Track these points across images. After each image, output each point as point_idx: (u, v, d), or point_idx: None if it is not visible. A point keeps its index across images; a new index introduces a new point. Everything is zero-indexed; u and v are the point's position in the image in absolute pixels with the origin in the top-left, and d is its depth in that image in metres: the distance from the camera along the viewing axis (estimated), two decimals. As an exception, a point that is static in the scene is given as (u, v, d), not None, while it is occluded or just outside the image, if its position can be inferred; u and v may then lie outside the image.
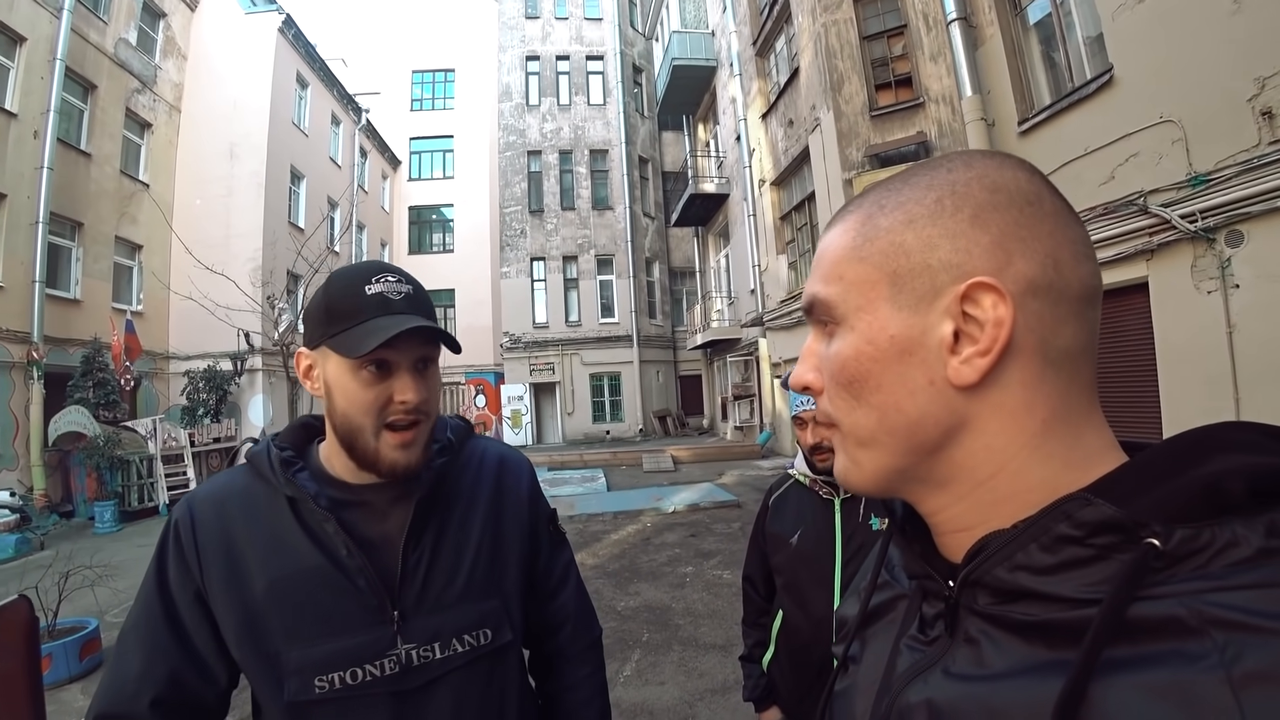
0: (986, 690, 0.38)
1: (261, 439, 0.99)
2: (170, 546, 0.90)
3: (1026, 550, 0.38)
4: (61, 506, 11.05)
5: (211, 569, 0.87)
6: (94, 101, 13.27)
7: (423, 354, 0.89)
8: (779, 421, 14.30)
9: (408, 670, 0.89)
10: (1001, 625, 0.39)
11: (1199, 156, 4.95)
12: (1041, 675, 0.35)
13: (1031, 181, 0.43)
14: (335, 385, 0.88)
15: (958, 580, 0.42)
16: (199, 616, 0.88)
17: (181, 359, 14.89)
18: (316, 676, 0.86)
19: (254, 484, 0.93)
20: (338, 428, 0.89)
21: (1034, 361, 0.40)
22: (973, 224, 0.42)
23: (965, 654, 0.41)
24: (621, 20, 21.10)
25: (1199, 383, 5.01)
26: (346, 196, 20.63)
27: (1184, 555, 0.33)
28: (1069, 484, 0.39)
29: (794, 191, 12.79)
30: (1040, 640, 0.37)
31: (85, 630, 4.45)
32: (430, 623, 0.91)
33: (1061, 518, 0.37)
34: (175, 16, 15.87)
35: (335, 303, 0.87)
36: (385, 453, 0.87)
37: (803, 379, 0.49)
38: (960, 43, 7.42)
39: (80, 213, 12.73)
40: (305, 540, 0.88)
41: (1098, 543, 0.35)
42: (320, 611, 0.87)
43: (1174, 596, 0.32)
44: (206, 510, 0.91)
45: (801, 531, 1.70)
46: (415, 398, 0.87)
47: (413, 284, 0.91)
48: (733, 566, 6.05)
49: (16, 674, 1.27)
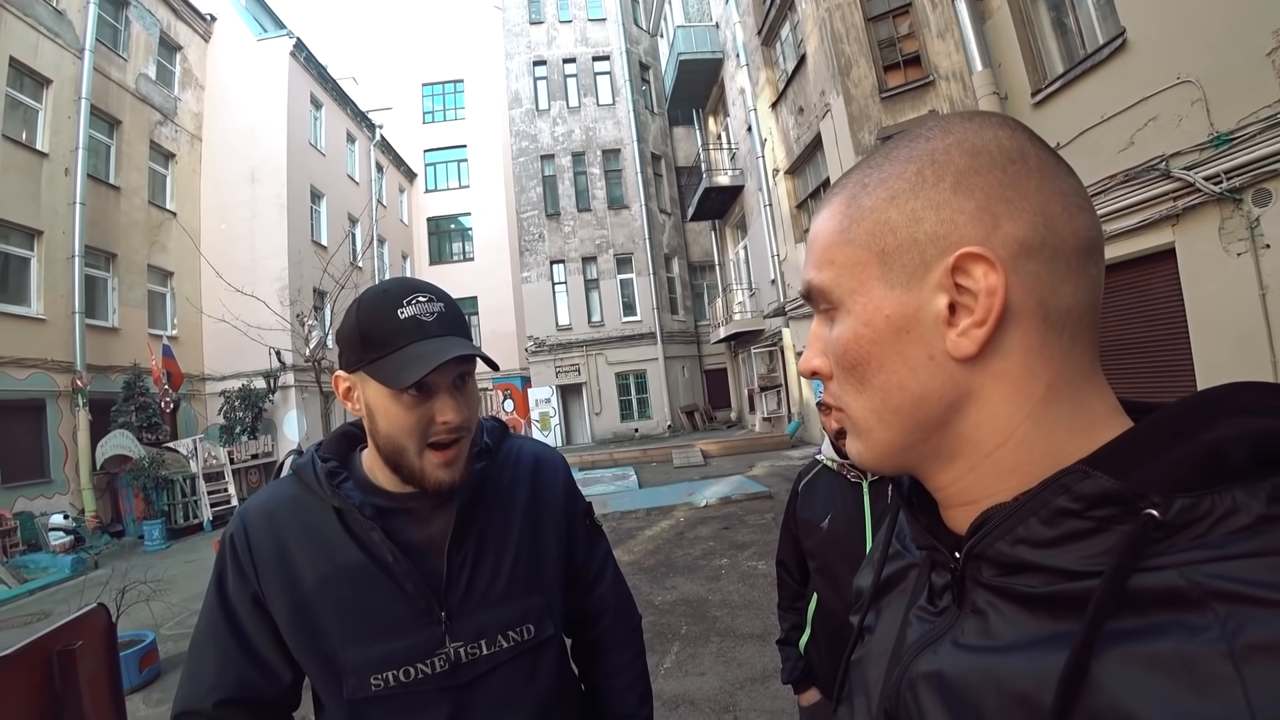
0: (994, 661, 0.38)
1: (305, 451, 1.04)
2: (228, 558, 0.95)
3: (1027, 524, 0.38)
4: (112, 527, 11.48)
5: (267, 576, 0.92)
6: (119, 136, 13.71)
7: (460, 371, 0.91)
8: (807, 411, 14.24)
9: (457, 667, 0.93)
10: (1007, 597, 0.39)
11: (1220, 116, 4.85)
12: (1047, 647, 0.35)
13: (1014, 138, 0.42)
14: (377, 409, 0.90)
15: (962, 553, 0.42)
16: (259, 621, 0.93)
17: (217, 379, 15.31)
18: (372, 675, 0.90)
19: (301, 495, 0.97)
20: (381, 447, 0.92)
21: (1034, 325, 0.40)
22: (955, 192, 0.41)
23: (973, 625, 0.41)
24: (625, 19, 21.11)
25: (1233, 347, 4.91)
26: (366, 212, 20.96)
27: (1183, 525, 0.33)
28: (1073, 453, 0.39)
29: (809, 179, 12.72)
30: (1045, 612, 0.37)
31: (144, 643, 4.64)
32: (476, 621, 0.95)
33: (1060, 491, 0.37)
34: (191, 48, 16.29)
35: (369, 329, 0.88)
36: (430, 471, 0.90)
37: (810, 365, 0.49)
38: (967, 17, 7.33)
39: (113, 244, 13.18)
40: (353, 547, 0.92)
41: (1097, 515, 0.35)
42: (372, 614, 0.91)
43: (1174, 567, 0.32)
44: (259, 521, 0.96)
45: (832, 515, 1.73)
46: (456, 418, 0.89)
47: (444, 300, 0.92)
48: (767, 557, 6.07)
49: (100, 674, 1.37)
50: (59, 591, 7.86)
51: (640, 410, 19.84)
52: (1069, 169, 0.42)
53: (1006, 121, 0.43)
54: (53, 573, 8.76)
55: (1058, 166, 0.42)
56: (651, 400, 19.75)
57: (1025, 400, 0.40)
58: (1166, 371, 5.54)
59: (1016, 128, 0.43)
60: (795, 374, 14.50)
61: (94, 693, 1.32)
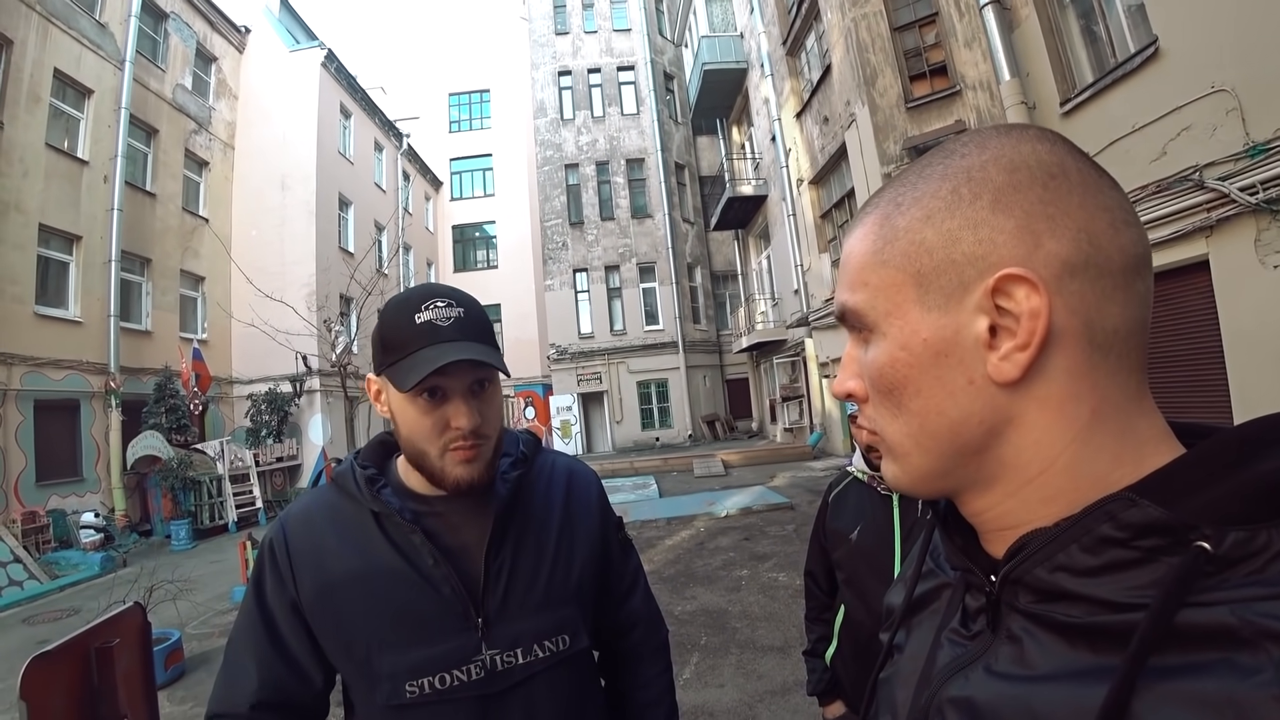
0: (1028, 692, 0.37)
1: (344, 459, 1.06)
2: (266, 563, 0.96)
3: (1068, 550, 0.36)
4: (140, 526, 11.74)
5: (305, 581, 0.93)
6: (156, 145, 14.11)
7: (477, 377, 0.91)
8: (829, 421, 14.11)
9: (492, 675, 0.93)
10: (1044, 625, 0.38)
11: (1256, 125, 4.75)
12: (1085, 680, 0.34)
13: (1053, 152, 0.40)
14: (397, 412, 0.92)
15: (999, 578, 0.41)
16: (295, 626, 0.94)
17: (244, 383, 15.60)
18: (408, 682, 0.90)
19: (340, 501, 0.98)
20: (406, 450, 0.95)
21: (1080, 347, 0.38)
22: (994, 210, 0.39)
23: (1008, 652, 0.40)
24: (650, 29, 21.26)
25: (1270, 363, 4.77)
26: (392, 220, 21.28)
27: (1237, 559, 0.31)
28: (1120, 479, 0.37)
29: (833, 189, 12.66)
30: (1084, 643, 0.35)
31: (169, 641, 4.71)
32: (512, 629, 0.95)
33: (1105, 518, 0.35)
34: (225, 60, 16.73)
35: (388, 333, 0.91)
36: (449, 469, 0.91)
37: (845, 387, 0.48)
38: (995, 26, 7.27)
39: (148, 249, 13.54)
40: (392, 552, 0.93)
41: (1143, 545, 0.34)
42: (409, 619, 0.92)
43: (1225, 604, 0.30)
44: (298, 528, 0.97)
45: (861, 527, 1.72)
46: (468, 423, 0.89)
47: (464, 305, 0.92)
48: (788, 569, 6.03)
49: (135, 670, 1.40)
50: (89, 588, 8.04)
51: (661, 419, 19.83)
52: (1112, 182, 0.41)
53: (1045, 134, 0.42)
54: (82, 569, 8.97)
55: (1100, 180, 0.40)
56: (673, 409, 19.72)
57: (1069, 425, 0.39)
58: (1199, 388, 5.40)
59: (1056, 140, 0.41)
60: (818, 384, 14.39)
61: (129, 689, 1.35)
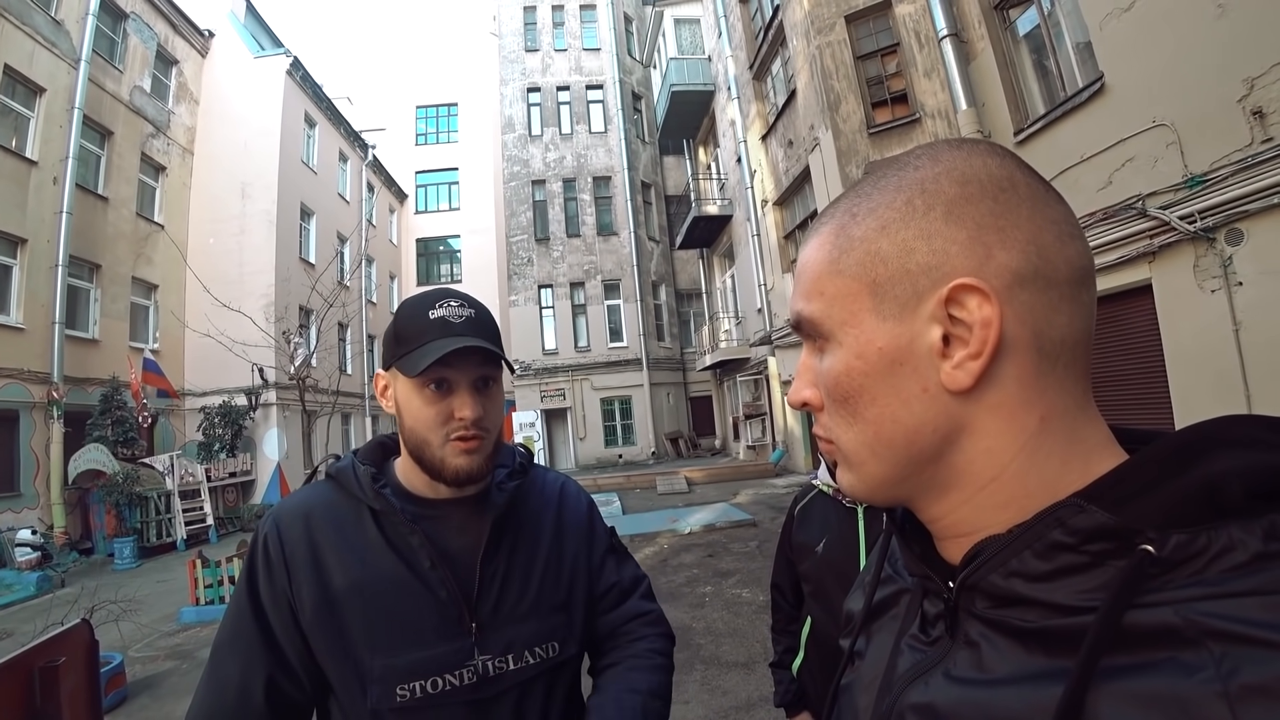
0: (987, 696, 0.37)
1: (344, 456, 1.04)
2: (259, 559, 0.93)
3: (1020, 557, 0.37)
4: (81, 544, 11.18)
5: (299, 579, 0.91)
6: (110, 147, 13.68)
7: (482, 373, 0.94)
8: (791, 439, 14.28)
9: (484, 680, 0.92)
10: (1000, 630, 0.39)
11: (1194, 158, 5.02)
12: (1040, 683, 0.35)
13: (1003, 166, 0.41)
14: (404, 403, 0.94)
15: (956, 584, 0.42)
16: (288, 625, 0.91)
17: (197, 395, 15.09)
18: (399, 685, 0.89)
19: (337, 498, 0.97)
20: (407, 441, 0.95)
21: (1029, 356, 0.39)
22: (946, 221, 0.40)
23: (966, 657, 0.41)
24: (619, 49, 21.50)
25: (1209, 381, 5.02)
26: (356, 231, 20.96)
27: (1180, 561, 0.32)
28: (1068, 485, 0.38)
29: (796, 210, 12.93)
30: (1039, 647, 0.36)
31: (111, 665, 4.46)
32: (505, 635, 0.95)
33: (1055, 524, 0.36)
34: (187, 63, 16.37)
35: (402, 327, 0.94)
36: (450, 459, 0.92)
37: (800, 396, 0.48)
38: (953, 58, 7.58)
39: (98, 255, 13.05)
40: (388, 552, 0.93)
41: (1092, 549, 0.35)
42: (403, 621, 0.91)
43: (1169, 604, 0.32)
44: (293, 523, 0.95)
45: (826, 540, 1.73)
46: (472, 414, 0.91)
47: (476, 308, 0.96)
48: (751, 585, 6.05)
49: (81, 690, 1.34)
50: (23, 610, 7.64)
51: (625, 436, 19.77)
52: (1058, 196, 0.42)
53: (995, 149, 0.43)
54: (17, 590, 8.52)
55: (1047, 194, 0.41)
56: (636, 426, 19.69)
57: (1020, 432, 0.40)
58: (1144, 404, 5.64)
59: (1005, 155, 0.43)
60: (780, 402, 14.56)
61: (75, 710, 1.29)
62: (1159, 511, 0.34)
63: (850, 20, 9.41)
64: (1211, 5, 4.73)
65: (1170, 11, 5.07)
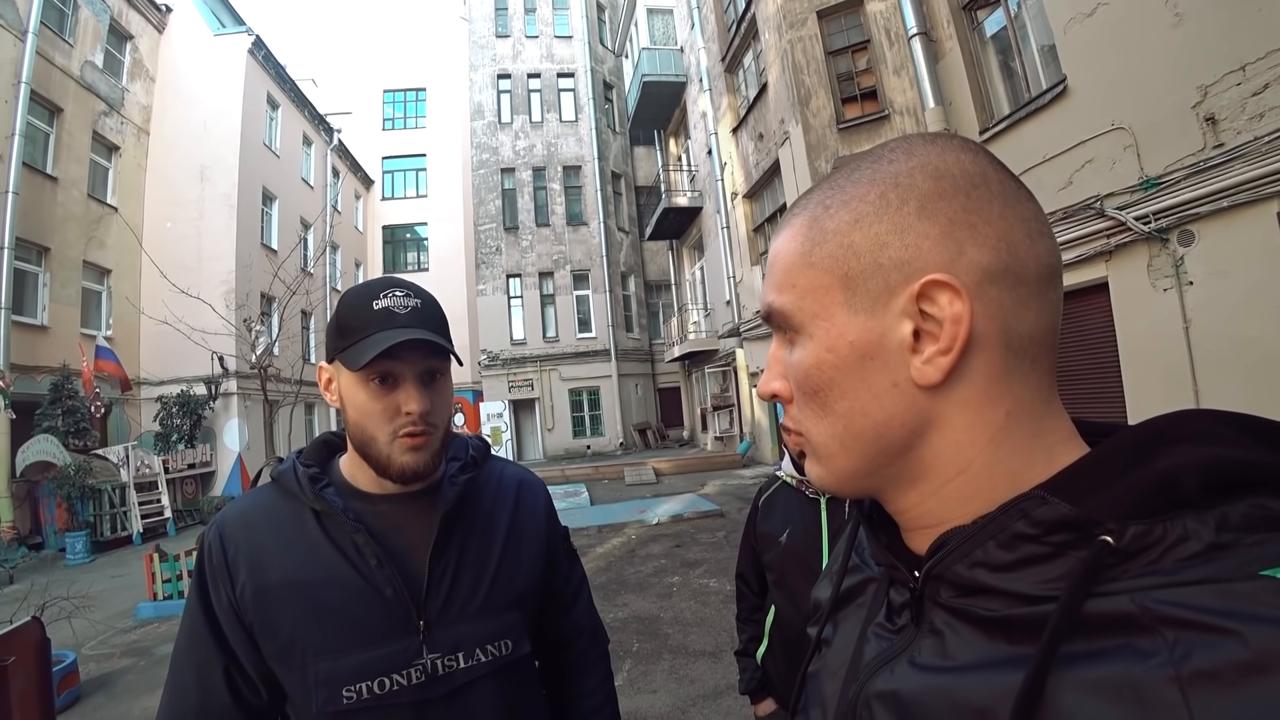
0: (950, 682, 0.38)
1: (286, 458, 1.02)
2: (206, 567, 0.93)
3: (985, 547, 0.38)
4: (31, 539, 10.75)
5: (243, 584, 0.90)
6: (60, 125, 13.10)
7: (428, 366, 0.92)
8: (759, 431, 14.42)
9: (433, 679, 0.91)
10: (965, 619, 0.40)
11: (1150, 161, 5.18)
12: (1002, 669, 0.35)
13: (976, 162, 0.42)
14: (348, 397, 0.91)
15: (921, 574, 0.42)
16: (236, 629, 0.90)
17: (154, 384, 14.62)
18: (345, 687, 0.87)
19: (280, 501, 0.96)
20: (353, 437, 0.93)
21: (997, 352, 0.40)
22: (919, 216, 0.40)
23: (930, 645, 0.41)
24: (591, 38, 21.30)
25: (1160, 376, 5.21)
26: (320, 217, 20.48)
27: (1136, 551, 0.33)
28: (1032, 478, 0.39)
29: (766, 204, 13.00)
30: (1001, 635, 0.37)
31: (64, 663, 4.31)
32: (454, 633, 0.93)
33: (1019, 515, 0.37)
34: (143, 39, 15.75)
35: (345, 318, 0.91)
36: (396, 456, 0.90)
37: (770, 388, 0.48)
38: (921, 56, 7.68)
39: (47, 238, 12.51)
40: (333, 552, 0.91)
41: (1054, 540, 0.36)
42: (349, 621, 0.89)
43: (1127, 593, 0.32)
44: (235, 529, 0.94)
45: (790, 530, 1.76)
46: (418, 408, 0.89)
47: (422, 297, 0.94)
48: (718, 575, 6.11)
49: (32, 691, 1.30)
50: (-32, 606, 7.34)
51: (593, 427, 19.77)
52: (1029, 194, 0.42)
53: (968, 144, 0.43)
54: (-38, 586, 8.18)
55: (1019, 191, 0.42)
56: (604, 417, 19.70)
57: (987, 427, 0.40)
58: (1099, 398, 5.83)
59: (978, 151, 0.43)
60: (748, 394, 14.69)
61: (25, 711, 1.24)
62: (1118, 503, 0.35)
63: (822, 16, 9.46)
64: (1169, 14, 4.86)
65: (1130, 18, 5.21)
